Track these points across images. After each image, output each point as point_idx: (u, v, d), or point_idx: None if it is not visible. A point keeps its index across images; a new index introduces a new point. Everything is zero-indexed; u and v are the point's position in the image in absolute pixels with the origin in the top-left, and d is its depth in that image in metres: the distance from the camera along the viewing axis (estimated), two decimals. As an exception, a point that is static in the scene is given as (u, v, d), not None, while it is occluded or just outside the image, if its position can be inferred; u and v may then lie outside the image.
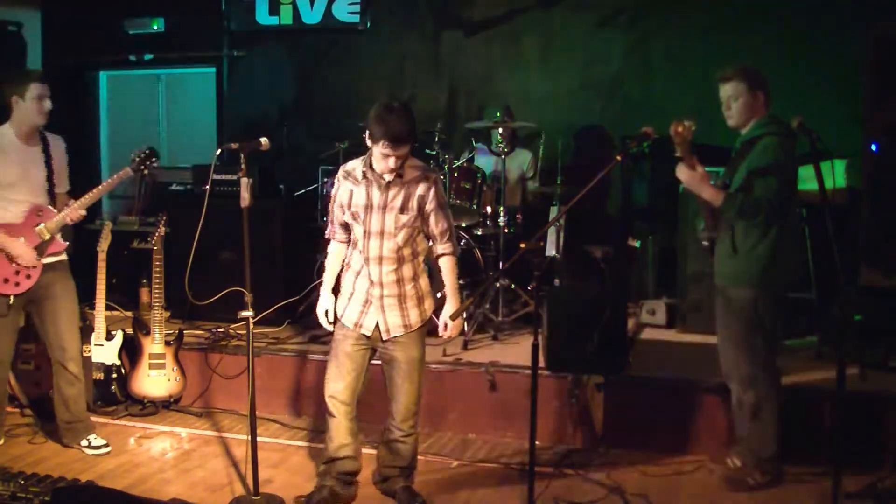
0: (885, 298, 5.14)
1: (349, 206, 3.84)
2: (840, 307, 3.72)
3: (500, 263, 5.78)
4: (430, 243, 3.93)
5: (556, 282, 6.10)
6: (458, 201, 5.89)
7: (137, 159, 4.53)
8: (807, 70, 6.25)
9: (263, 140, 4.07)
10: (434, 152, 5.98)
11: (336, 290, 4.01)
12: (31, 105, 4.33)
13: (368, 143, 3.74)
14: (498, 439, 4.90)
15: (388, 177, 3.75)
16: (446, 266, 3.91)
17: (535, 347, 3.62)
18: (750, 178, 3.91)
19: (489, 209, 6.06)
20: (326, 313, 4.01)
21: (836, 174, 4.22)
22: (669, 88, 6.73)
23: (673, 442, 4.64)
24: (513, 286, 5.92)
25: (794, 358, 5.16)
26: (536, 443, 3.68)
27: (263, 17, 7.63)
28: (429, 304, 3.97)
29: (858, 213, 5.17)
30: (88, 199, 4.46)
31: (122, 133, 8.23)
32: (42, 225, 4.39)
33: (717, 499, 4.10)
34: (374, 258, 3.80)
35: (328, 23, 7.47)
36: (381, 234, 3.78)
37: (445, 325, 3.91)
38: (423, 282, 3.94)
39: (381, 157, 3.68)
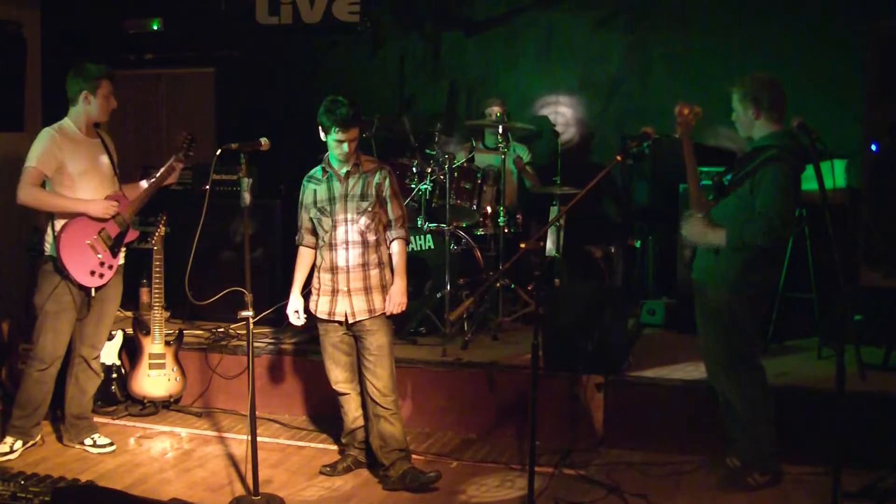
0: (885, 298, 5.13)
1: (315, 203, 4.24)
2: (840, 307, 3.72)
3: (500, 263, 5.78)
4: (386, 229, 4.31)
5: (556, 282, 6.10)
6: (458, 201, 5.89)
7: (185, 145, 4.62)
8: (807, 70, 6.24)
9: (263, 140, 4.09)
10: (434, 152, 5.97)
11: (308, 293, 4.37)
12: (100, 102, 4.45)
13: (322, 136, 4.15)
14: (498, 439, 4.90)
15: (345, 167, 4.17)
16: (397, 248, 4.29)
17: (535, 347, 3.63)
18: (753, 196, 3.90)
19: (489, 209, 6.06)
20: (297, 313, 4.33)
21: (836, 174, 4.22)
22: (669, 88, 6.72)
23: (673, 442, 4.64)
24: (513, 286, 5.92)
25: (794, 358, 5.17)
26: (536, 443, 3.68)
27: (263, 16, 7.62)
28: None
29: (858, 213, 5.16)
30: (153, 187, 4.61)
31: (122, 133, 8.22)
32: (119, 215, 4.52)
33: (717, 499, 4.10)
34: (342, 243, 4.19)
35: (328, 23, 7.46)
36: (346, 220, 4.18)
37: (392, 302, 4.22)
38: (388, 272, 4.30)
39: (336, 144, 4.10)
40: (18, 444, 4.55)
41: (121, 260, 4.65)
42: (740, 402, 4.09)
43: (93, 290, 4.51)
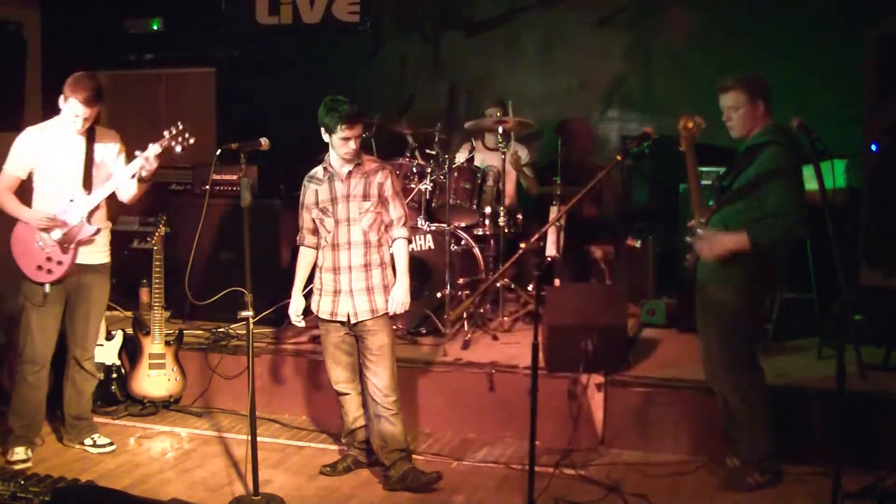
0: (885, 298, 5.13)
1: (317, 203, 4.22)
2: (840, 307, 3.71)
3: (500, 263, 5.78)
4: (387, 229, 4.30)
5: (556, 282, 6.10)
6: (458, 201, 5.89)
7: (168, 135, 4.46)
8: (807, 70, 6.24)
9: (263, 140, 4.09)
10: (434, 152, 5.97)
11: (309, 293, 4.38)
12: (67, 115, 4.39)
13: (326, 137, 4.13)
14: (498, 439, 4.90)
15: (347, 167, 4.15)
16: (400, 248, 4.29)
17: (535, 347, 3.62)
18: (759, 189, 3.88)
19: (489, 209, 6.06)
20: (297, 313, 4.32)
21: (836, 174, 4.22)
22: (669, 88, 6.73)
23: (673, 442, 4.64)
24: (513, 286, 5.92)
25: (794, 358, 5.17)
26: (536, 443, 3.68)
27: (263, 16, 7.63)
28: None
29: (858, 213, 5.16)
30: (118, 180, 4.50)
31: (122, 133, 8.22)
32: (71, 211, 4.45)
33: (717, 499, 4.10)
34: (344, 243, 4.18)
35: (328, 23, 7.47)
36: (348, 220, 4.17)
37: (395, 302, 4.22)
38: (390, 272, 4.30)
39: (341, 142, 4.08)
40: (29, 452, 4.55)
41: (102, 259, 4.59)
42: (740, 403, 4.09)
43: (46, 286, 4.43)
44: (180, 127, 4.46)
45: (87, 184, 4.50)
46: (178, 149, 4.45)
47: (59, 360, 4.69)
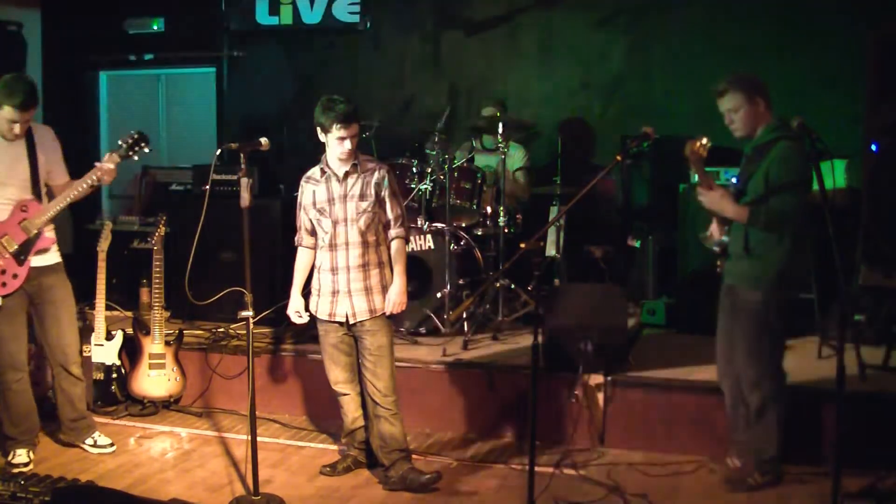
0: (885, 298, 5.13)
1: (314, 204, 4.22)
2: (840, 307, 3.71)
3: (500, 263, 5.78)
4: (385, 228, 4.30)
5: (556, 282, 6.09)
6: (458, 201, 5.89)
7: (125, 145, 4.43)
8: (807, 70, 6.25)
9: (263, 140, 4.09)
10: (434, 152, 5.97)
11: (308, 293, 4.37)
12: (1, 122, 4.27)
13: (322, 137, 4.13)
14: (498, 439, 4.90)
15: (344, 168, 4.14)
16: (397, 247, 4.27)
17: (535, 347, 3.62)
18: (771, 187, 3.87)
19: (489, 209, 6.06)
20: (297, 313, 4.34)
21: (836, 174, 4.22)
22: (669, 88, 6.73)
23: (673, 442, 4.64)
24: (513, 286, 5.92)
25: (794, 358, 5.16)
26: (536, 443, 3.68)
27: (263, 17, 7.63)
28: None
29: (858, 213, 5.16)
30: (74, 190, 4.37)
31: (122, 133, 8.23)
32: (27, 221, 4.34)
33: (717, 499, 4.10)
34: (342, 244, 4.18)
35: (328, 23, 7.47)
36: (346, 220, 4.16)
37: (392, 302, 4.22)
38: (388, 272, 4.28)
39: (337, 141, 4.07)
40: (31, 454, 4.54)
41: (56, 259, 4.49)
42: (759, 403, 4.04)
43: (0, 300, 4.32)
44: (136, 136, 4.45)
45: (37, 190, 4.40)
46: (136, 157, 4.49)
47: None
